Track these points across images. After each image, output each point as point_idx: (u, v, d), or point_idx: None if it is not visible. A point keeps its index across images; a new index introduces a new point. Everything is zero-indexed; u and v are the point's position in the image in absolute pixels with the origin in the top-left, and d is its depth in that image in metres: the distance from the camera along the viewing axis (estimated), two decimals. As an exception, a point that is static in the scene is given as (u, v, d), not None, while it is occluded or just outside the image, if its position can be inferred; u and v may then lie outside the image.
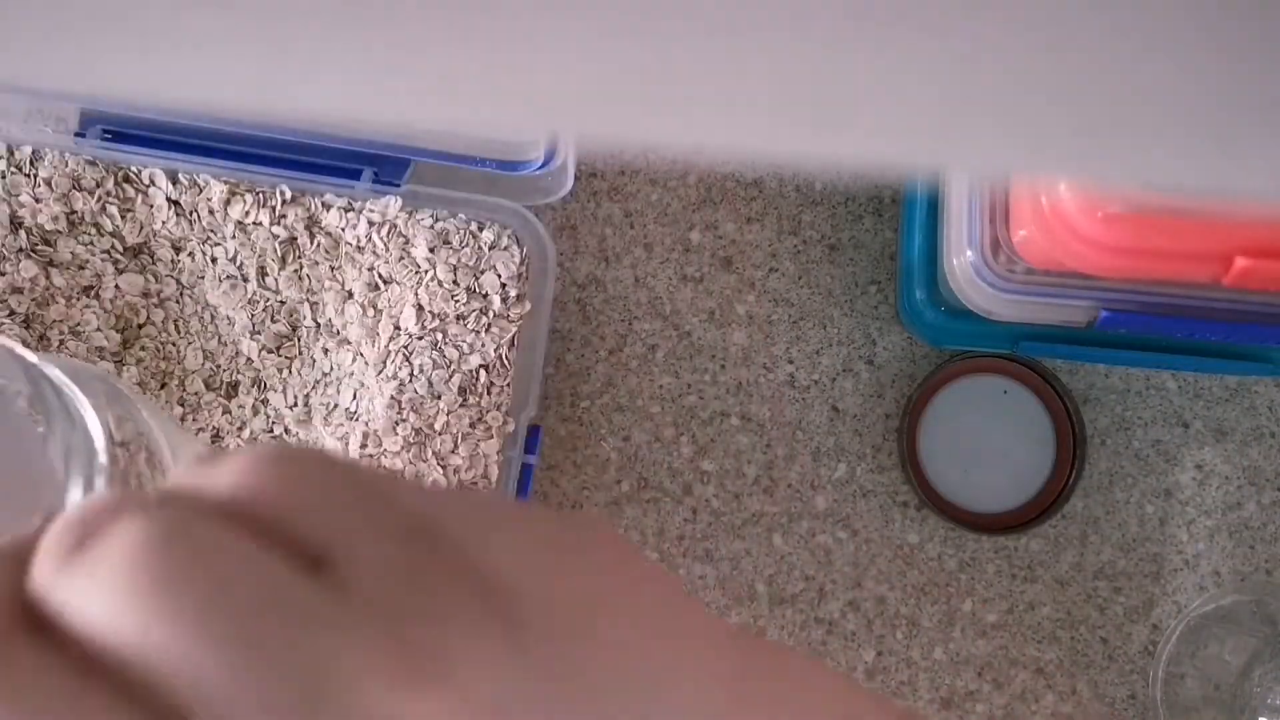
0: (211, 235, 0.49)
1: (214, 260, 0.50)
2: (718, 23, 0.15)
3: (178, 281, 0.50)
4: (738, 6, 0.15)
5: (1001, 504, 0.55)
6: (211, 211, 0.49)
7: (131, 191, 0.49)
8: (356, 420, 0.49)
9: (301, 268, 0.49)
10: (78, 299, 0.50)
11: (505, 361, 0.49)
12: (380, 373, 0.48)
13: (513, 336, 0.49)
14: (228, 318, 0.51)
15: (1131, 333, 0.48)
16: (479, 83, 0.17)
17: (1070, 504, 0.55)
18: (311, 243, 0.49)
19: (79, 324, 0.50)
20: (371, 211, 0.48)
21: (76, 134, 0.49)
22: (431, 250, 0.48)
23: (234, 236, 0.49)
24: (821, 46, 0.15)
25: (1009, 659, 0.55)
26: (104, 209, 0.49)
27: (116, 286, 0.50)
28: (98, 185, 0.49)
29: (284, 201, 0.49)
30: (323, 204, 0.49)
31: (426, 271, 0.48)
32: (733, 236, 0.56)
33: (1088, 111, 0.16)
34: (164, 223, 0.49)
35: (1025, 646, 0.55)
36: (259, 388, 0.51)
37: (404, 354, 0.48)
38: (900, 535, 0.55)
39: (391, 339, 0.48)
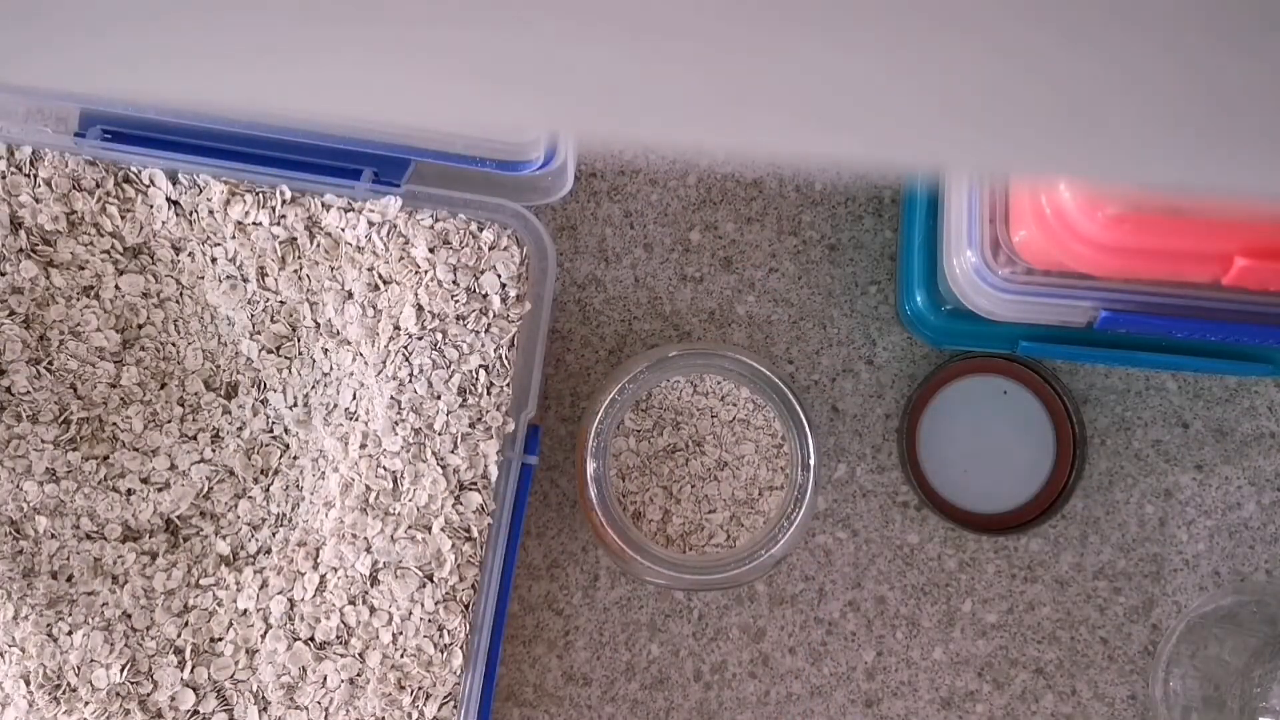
0: (211, 235, 0.49)
1: (214, 260, 0.50)
2: (719, 23, 0.15)
3: (178, 282, 0.50)
4: (740, 7, 0.15)
5: (1001, 504, 0.55)
6: (211, 212, 0.49)
7: (131, 192, 0.49)
8: (356, 420, 0.49)
9: (301, 268, 0.49)
10: (78, 299, 0.50)
11: (505, 361, 0.49)
12: (380, 373, 0.48)
13: (512, 336, 0.49)
14: (228, 318, 0.51)
15: (1131, 333, 0.48)
16: (480, 80, 0.17)
17: (1070, 504, 0.55)
18: (311, 243, 0.49)
19: (79, 324, 0.50)
20: (371, 211, 0.48)
21: (76, 134, 0.49)
22: (431, 250, 0.48)
23: (234, 237, 0.49)
24: (823, 47, 0.15)
25: (1009, 659, 0.55)
26: (104, 209, 0.49)
27: (116, 287, 0.50)
28: (98, 185, 0.49)
29: (284, 202, 0.49)
30: (323, 204, 0.49)
31: (426, 272, 0.48)
32: (733, 237, 0.56)
33: (1087, 111, 0.16)
34: (164, 223, 0.49)
35: (1025, 647, 0.55)
36: (259, 388, 0.51)
37: (404, 354, 0.48)
38: (900, 535, 0.55)
39: (391, 339, 0.48)
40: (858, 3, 0.14)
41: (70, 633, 0.47)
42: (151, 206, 0.49)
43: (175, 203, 0.49)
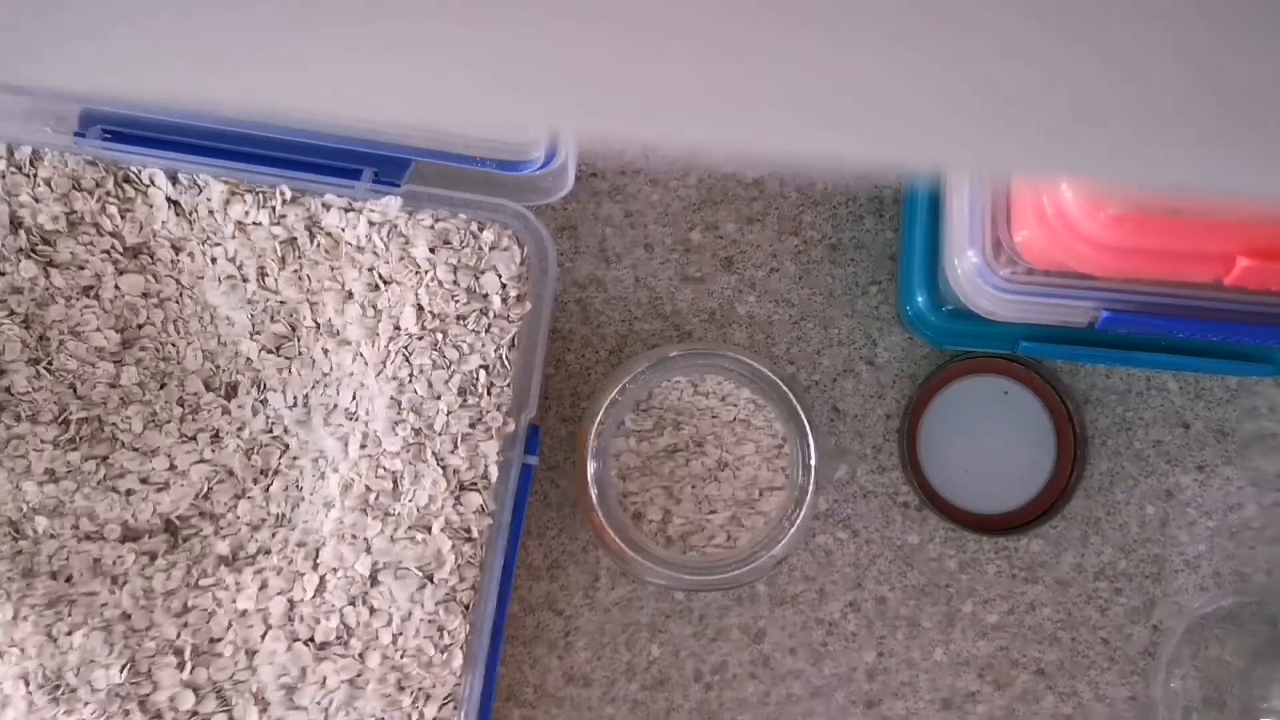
0: (211, 235, 0.49)
1: (214, 260, 0.50)
2: (719, 22, 0.15)
3: (177, 282, 0.50)
4: (740, 7, 0.15)
5: (1002, 504, 0.55)
6: (211, 212, 0.49)
7: (131, 191, 0.49)
8: (356, 420, 0.49)
9: (301, 268, 0.49)
10: (78, 299, 0.50)
11: (505, 362, 0.49)
12: (380, 373, 0.48)
13: (513, 336, 0.49)
14: (227, 318, 0.51)
15: (1132, 333, 0.48)
16: (481, 79, 0.17)
17: (1071, 505, 0.55)
18: (311, 243, 0.49)
19: (79, 324, 0.50)
20: (372, 211, 0.48)
21: (76, 134, 0.49)
22: (432, 250, 0.48)
23: (234, 237, 0.49)
24: (823, 47, 0.15)
25: (1009, 660, 0.55)
26: (104, 209, 0.49)
27: (116, 287, 0.50)
28: (98, 185, 0.49)
29: (284, 202, 0.49)
30: (323, 204, 0.49)
31: (426, 272, 0.48)
32: (733, 237, 0.56)
33: (1087, 111, 0.16)
34: (164, 223, 0.49)
35: (1026, 647, 0.55)
36: (259, 388, 0.51)
37: (404, 354, 0.48)
38: (901, 536, 0.55)
39: (391, 339, 0.48)
40: (858, 3, 0.14)
41: (70, 633, 0.47)
42: (151, 206, 0.49)
43: (175, 203, 0.49)
